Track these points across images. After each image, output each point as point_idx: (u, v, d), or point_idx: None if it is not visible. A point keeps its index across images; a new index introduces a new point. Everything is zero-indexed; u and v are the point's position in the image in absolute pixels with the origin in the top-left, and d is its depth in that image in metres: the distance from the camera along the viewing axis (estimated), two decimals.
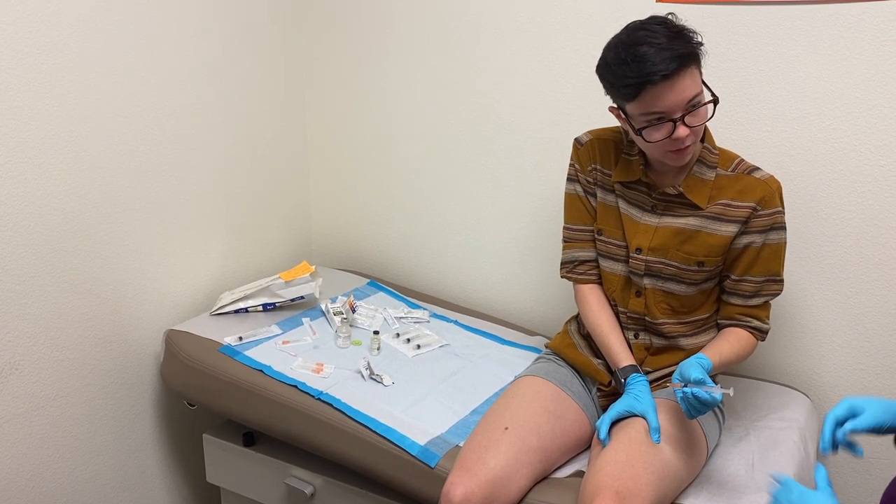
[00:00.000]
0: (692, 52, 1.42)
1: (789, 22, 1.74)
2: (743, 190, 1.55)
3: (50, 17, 1.68)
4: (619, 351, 1.63)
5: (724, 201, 1.55)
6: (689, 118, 1.45)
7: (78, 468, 1.91)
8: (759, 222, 1.54)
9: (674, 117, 1.44)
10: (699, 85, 1.45)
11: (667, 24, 1.43)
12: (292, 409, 1.73)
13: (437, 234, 2.34)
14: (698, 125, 1.47)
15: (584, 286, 1.74)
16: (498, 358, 1.96)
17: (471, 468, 1.49)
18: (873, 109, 1.71)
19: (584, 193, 1.72)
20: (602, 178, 1.67)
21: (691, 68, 1.42)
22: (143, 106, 1.91)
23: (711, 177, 1.57)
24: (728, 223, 1.55)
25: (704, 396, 1.38)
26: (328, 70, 2.36)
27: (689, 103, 1.43)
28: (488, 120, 2.15)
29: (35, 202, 1.71)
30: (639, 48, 1.40)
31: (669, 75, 1.39)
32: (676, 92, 1.41)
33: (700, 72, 1.46)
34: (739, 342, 1.59)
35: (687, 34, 1.43)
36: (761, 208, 1.53)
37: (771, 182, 1.55)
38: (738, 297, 1.61)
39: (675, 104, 1.43)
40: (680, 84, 1.41)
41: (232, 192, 2.21)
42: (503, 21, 2.05)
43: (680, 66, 1.39)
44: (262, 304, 2.08)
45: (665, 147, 1.49)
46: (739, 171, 1.57)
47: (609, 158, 1.66)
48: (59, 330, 1.80)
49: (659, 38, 1.40)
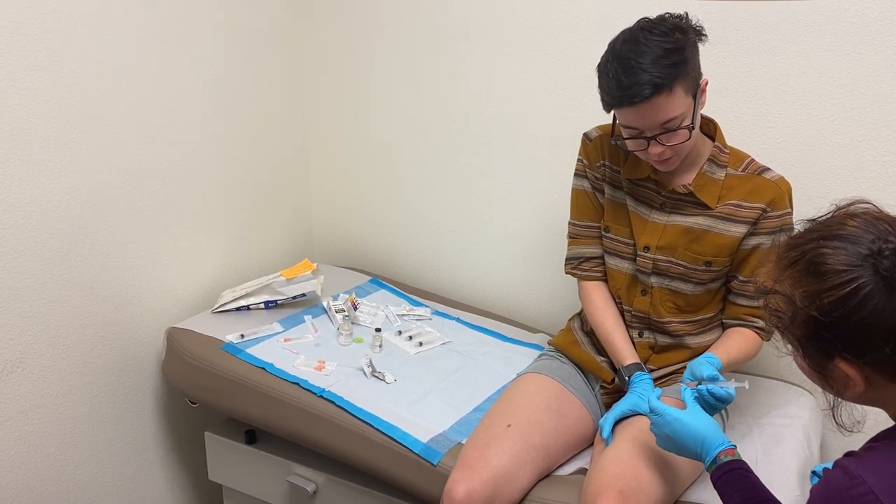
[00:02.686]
0: (674, 76, 1.38)
1: (792, 17, 1.73)
2: (753, 191, 1.54)
3: (50, 16, 1.67)
4: (623, 349, 1.63)
5: (733, 201, 1.54)
6: (664, 137, 1.44)
7: (79, 466, 1.91)
8: (768, 224, 1.53)
9: (646, 136, 1.44)
10: (678, 107, 1.41)
11: (665, 36, 1.40)
12: (294, 407, 1.73)
13: (439, 231, 2.33)
14: (676, 144, 1.46)
15: (589, 283, 1.74)
16: (500, 355, 1.95)
17: (473, 466, 1.48)
18: (876, 104, 1.70)
19: (591, 189, 1.71)
20: (611, 174, 1.66)
21: (668, 93, 1.39)
22: (145, 105, 1.90)
23: (721, 176, 1.56)
24: (737, 224, 1.54)
25: (720, 392, 1.37)
26: (328, 68, 2.36)
27: (664, 125, 1.43)
28: (489, 116, 2.14)
29: (37, 200, 1.71)
30: (621, 64, 1.39)
31: (639, 102, 1.38)
32: (647, 116, 1.41)
33: (688, 89, 1.42)
34: (746, 342, 1.59)
35: (680, 52, 1.39)
36: (771, 210, 1.52)
37: (781, 183, 1.54)
38: (744, 299, 1.60)
39: (646, 126, 1.43)
40: (651, 109, 1.40)
41: (233, 189, 2.21)
42: (503, 20, 2.05)
43: (654, 93, 1.37)
44: (263, 302, 2.08)
45: (645, 156, 1.50)
46: (750, 171, 1.56)
47: (618, 155, 1.65)
48: (60, 328, 1.80)
49: (646, 57, 1.37)
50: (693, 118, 1.45)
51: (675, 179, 1.58)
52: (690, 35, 1.44)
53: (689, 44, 1.43)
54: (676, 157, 1.50)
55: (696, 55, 1.45)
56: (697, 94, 1.46)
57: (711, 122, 1.60)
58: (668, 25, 1.42)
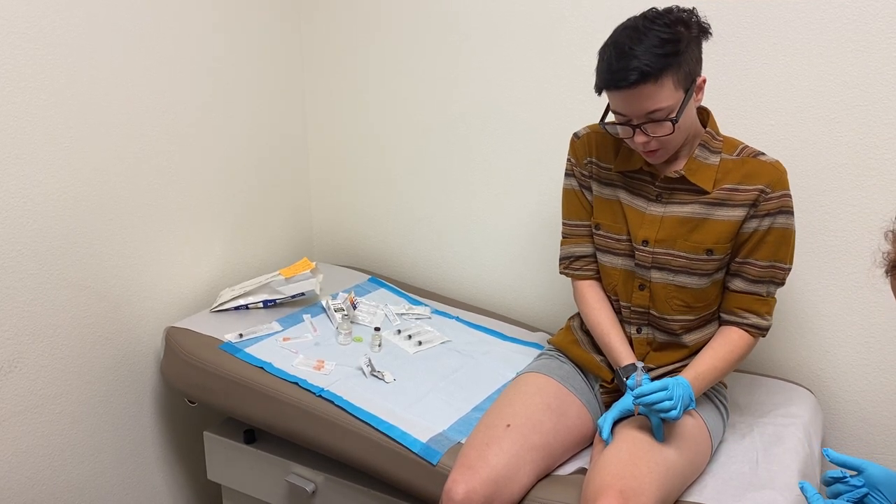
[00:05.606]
0: (663, 66, 1.38)
1: (794, 14, 1.73)
2: (749, 173, 1.53)
3: (50, 15, 1.66)
4: (621, 349, 1.62)
5: (729, 185, 1.54)
6: (648, 127, 1.44)
7: (78, 466, 1.90)
8: (767, 205, 1.52)
9: (632, 123, 1.45)
10: (666, 99, 1.41)
11: (665, 27, 1.40)
12: (293, 407, 1.72)
13: (438, 230, 2.33)
14: (662, 136, 1.46)
15: (583, 282, 1.73)
16: (500, 354, 1.95)
17: (473, 465, 1.48)
18: (878, 102, 1.70)
19: (579, 188, 1.71)
20: (599, 171, 1.66)
21: (656, 82, 1.39)
22: (143, 103, 1.90)
23: (716, 161, 1.55)
24: (735, 208, 1.53)
25: (647, 399, 1.44)
26: (328, 67, 2.35)
27: (648, 115, 1.43)
28: (489, 115, 2.14)
29: (35, 199, 1.70)
30: (616, 48, 1.41)
31: (625, 87, 1.39)
32: (633, 102, 1.42)
33: (679, 82, 1.41)
34: (737, 347, 1.58)
35: (675, 44, 1.39)
36: (771, 190, 1.51)
37: (777, 165, 1.53)
38: (741, 281, 1.58)
39: (632, 113, 1.44)
40: (638, 96, 1.40)
41: (232, 188, 2.20)
42: (503, 20, 2.04)
43: (639, 80, 1.38)
44: (262, 301, 2.08)
45: (632, 144, 1.50)
46: (745, 156, 1.55)
47: (608, 151, 1.65)
48: (58, 327, 1.80)
49: (640, 44, 1.38)
50: (679, 112, 1.44)
51: (668, 168, 1.58)
52: (693, 30, 1.44)
53: (689, 38, 1.42)
54: (664, 151, 1.50)
55: (694, 50, 1.44)
56: (691, 90, 1.45)
57: (704, 110, 1.59)
58: (671, 17, 1.42)
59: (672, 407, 1.43)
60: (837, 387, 1.88)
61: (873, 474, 1.26)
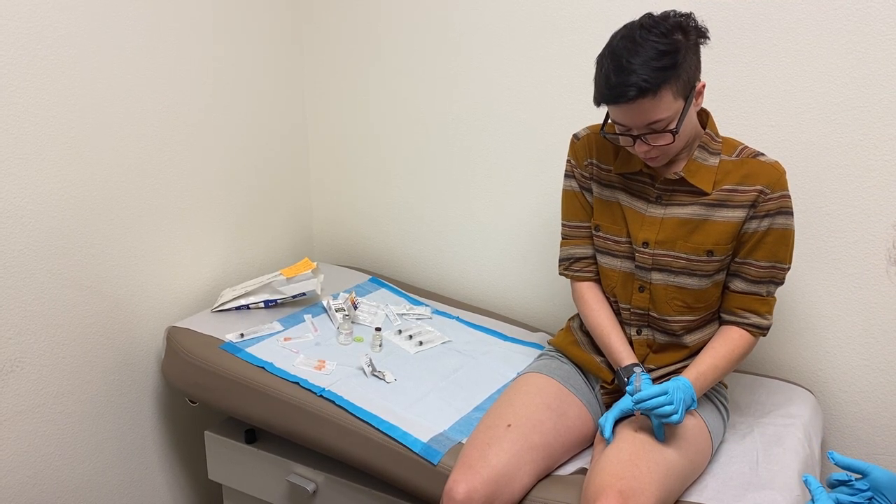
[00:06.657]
0: (662, 80, 1.38)
1: (795, 15, 1.73)
2: (749, 174, 1.53)
3: (50, 15, 1.67)
4: (621, 350, 1.63)
5: (728, 186, 1.54)
6: (649, 137, 1.45)
7: (79, 466, 1.91)
8: (766, 206, 1.52)
9: (633, 134, 1.46)
10: (664, 111, 1.41)
11: (662, 36, 1.39)
12: (294, 407, 1.72)
13: (439, 231, 2.33)
14: (662, 144, 1.46)
15: (582, 284, 1.73)
16: (500, 355, 1.95)
17: (473, 465, 1.48)
18: (879, 104, 1.70)
19: (579, 189, 1.71)
20: (599, 172, 1.66)
21: (653, 96, 1.39)
22: (144, 103, 1.90)
23: (715, 162, 1.55)
24: (735, 208, 1.53)
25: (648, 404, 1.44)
26: (328, 67, 2.35)
27: (649, 126, 1.43)
28: (489, 115, 2.14)
29: (36, 199, 1.70)
30: (613, 60, 1.40)
31: (623, 102, 1.39)
32: (633, 115, 1.42)
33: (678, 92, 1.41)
34: (738, 347, 1.58)
35: (673, 55, 1.38)
36: (770, 191, 1.51)
37: (777, 166, 1.53)
38: (741, 281, 1.58)
39: (632, 124, 1.44)
40: (637, 110, 1.41)
41: (233, 188, 2.20)
42: (503, 20, 2.04)
43: (638, 96, 1.38)
44: (263, 301, 2.08)
45: (633, 151, 1.51)
46: (744, 157, 1.55)
47: (608, 152, 1.65)
48: (60, 327, 1.80)
49: (638, 57, 1.37)
50: (679, 122, 1.44)
51: (667, 169, 1.58)
52: (691, 36, 1.42)
53: (687, 46, 1.41)
54: (664, 156, 1.51)
55: (692, 58, 1.43)
56: (690, 97, 1.45)
57: (703, 112, 1.59)
58: (668, 25, 1.41)
59: (673, 411, 1.43)
60: (837, 387, 1.88)
61: (878, 478, 1.26)
